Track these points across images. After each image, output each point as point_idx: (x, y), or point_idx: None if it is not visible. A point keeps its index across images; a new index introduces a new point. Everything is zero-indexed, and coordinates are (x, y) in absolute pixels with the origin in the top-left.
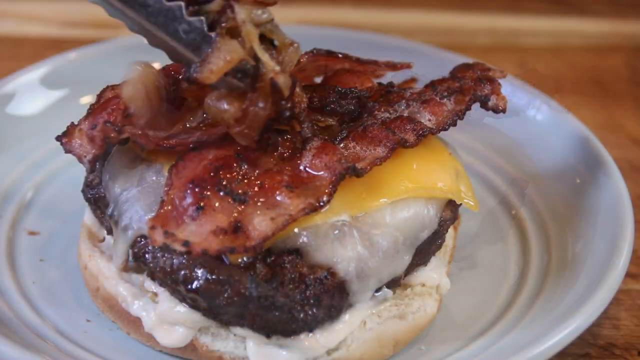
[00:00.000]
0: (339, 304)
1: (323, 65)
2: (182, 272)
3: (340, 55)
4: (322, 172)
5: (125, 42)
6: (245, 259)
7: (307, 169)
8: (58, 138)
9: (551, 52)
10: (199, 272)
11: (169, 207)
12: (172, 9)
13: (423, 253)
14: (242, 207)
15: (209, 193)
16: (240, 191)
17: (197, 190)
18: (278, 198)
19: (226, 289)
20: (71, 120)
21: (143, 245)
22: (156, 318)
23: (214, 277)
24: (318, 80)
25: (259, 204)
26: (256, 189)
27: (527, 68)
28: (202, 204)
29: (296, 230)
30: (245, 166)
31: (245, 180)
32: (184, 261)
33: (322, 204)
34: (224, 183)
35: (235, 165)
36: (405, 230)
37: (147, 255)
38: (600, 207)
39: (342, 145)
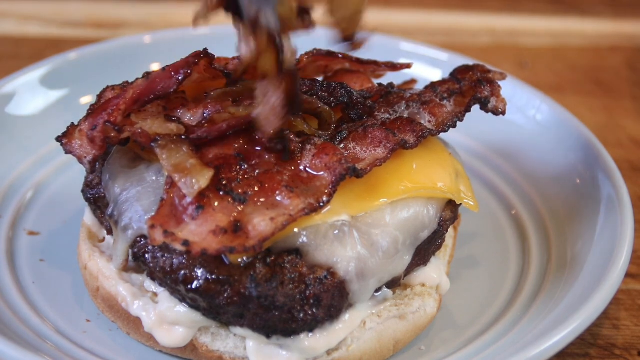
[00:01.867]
0: (339, 304)
1: (323, 65)
2: (182, 272)
3: (340, 55)
4: (322, 173)
5: (125, 42)
6: (245, 258)
7: (307, 169)
8: (58, 139)
9: (551, 52)
10: (199, 272)
11: (169, 206)
12: None
13: (423, 253)
14: (242, 206)
15: (208, 192)
16: (240, 191)
17: None
18: (278, 198)
19: (226, 289)
20: (71, 121)
21: (143, 245)
22: (156, 318)
23: (214, 277)
24: None
25: (259, 203)
26: (256, 188)
27: (527, 68)
28: (202, 203)
29: (296, 230)
30: (245, 166)
31: (246, 180)
32: (183, 261)
33: (322, 204)
34: (224, 182)
35: (235, 164)
36: (405, 230)
37: (147, 255)
38: (600, 207)
39: (342, 145)
